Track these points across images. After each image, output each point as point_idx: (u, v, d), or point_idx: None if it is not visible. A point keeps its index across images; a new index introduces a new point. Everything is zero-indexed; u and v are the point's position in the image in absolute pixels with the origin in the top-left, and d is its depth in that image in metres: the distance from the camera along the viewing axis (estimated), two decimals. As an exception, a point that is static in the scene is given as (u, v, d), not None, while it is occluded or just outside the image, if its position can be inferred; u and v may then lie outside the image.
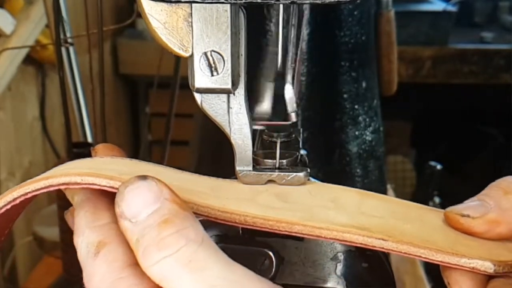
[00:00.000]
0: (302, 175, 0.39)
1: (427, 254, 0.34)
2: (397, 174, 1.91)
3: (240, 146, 0.39)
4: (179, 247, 0.30)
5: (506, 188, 0.36)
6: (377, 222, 0.36)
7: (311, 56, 0.65)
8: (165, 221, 0.31)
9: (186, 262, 0.30)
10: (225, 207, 0.36)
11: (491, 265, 0.34)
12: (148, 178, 0.32)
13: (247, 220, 0.35)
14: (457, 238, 0.36)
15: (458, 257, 0.34)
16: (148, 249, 0.30)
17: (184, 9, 0.36)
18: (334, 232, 0.35)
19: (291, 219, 0.35)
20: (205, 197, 0.36)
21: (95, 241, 0.33)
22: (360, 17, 0.66)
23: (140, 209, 0.31)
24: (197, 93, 0.38)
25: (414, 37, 1.73)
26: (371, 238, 0.34)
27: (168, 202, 0.31)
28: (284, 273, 0.40)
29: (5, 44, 1.24)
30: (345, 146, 0.67)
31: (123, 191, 0.32)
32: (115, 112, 1.92)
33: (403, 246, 0.34)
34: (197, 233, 0.31)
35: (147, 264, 0.30)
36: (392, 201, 0.40)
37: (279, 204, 0.37)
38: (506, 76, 1.73)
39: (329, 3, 0.34)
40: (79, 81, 0.92)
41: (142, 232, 0.31)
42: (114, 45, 1.90)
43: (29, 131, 1.46)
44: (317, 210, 0.37)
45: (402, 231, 0.35)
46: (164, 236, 0.30)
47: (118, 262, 0.32)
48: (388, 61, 0.84)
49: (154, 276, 0.30)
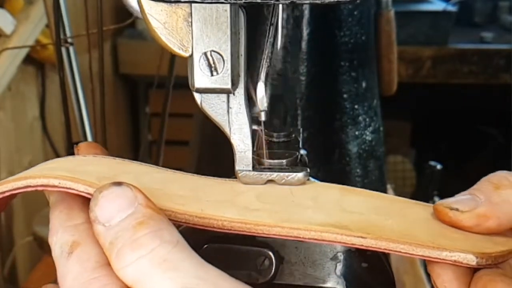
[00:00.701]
0: (302, 175, 0.39)
1: (407, 249, 0.34)
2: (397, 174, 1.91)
3: (240, 146, 0.39)
4: (154, 247, 0.30)
5: (497, 182, 0.36)
6: (357, 219, 0.36)
7: (311, 56, 0.64)
8: (140, 223, 0.31)
9: (160, 262, 0.30)
10: (203, 212, 0.35)
11: (473, 257, 0.34)
12: (123, 184, 0.32)
13: (225, 225, 0.35)
14: (440, 231, 0.36)
15: (439, 251, 0.34)
16: (122, 250, 0.30)
17: (184, 9, 0.36)
18: (312, 232, 0.35)
19: (268, 222, 0.35)
20: (184, 202, 0.36)
21: (69, 241, 0.33)
22: (360, 17, 0.66)
23: (114, 214, 0.31)
24: (197, 93, 0.38)
25: (414, 37, 1.73)
26: (350, 236, 0.34)
27: (142, 207, 0.32)
28: (284, 273, 0.40)
29: (5, 44, 1.24)
30: (345, 146, 0.67)
31: (97, 197, 0.32)
32: (115, 112, 1.92)
33: (382, 242, 0.34)
34: (172, 235, 0.31)
35: (120, 265, 0.30)
36: (375, 196, 0.40)
37: (258, 205, 0.37)
38: (506, 76, 1.73)
39: (329, 3, 0.34)
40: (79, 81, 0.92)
41: (116, 235, 0.31)
42: (114, 45, 1.90)
43: (29, 131, 1.46)
44: (296, 210, 0.37)
45: (382, 227, 0.35)
46: (138, 237, 0.31)
47: (91, 262, 0.32)
48: (388, 61, 0.84)
49: (127, 277, 0.30)
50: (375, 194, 0.40)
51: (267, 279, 0.39)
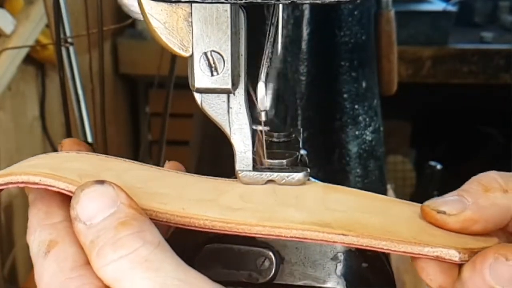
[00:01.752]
0: (302, 175, 0.39)
1: (389, 246, 0.34)
2: (397, 174, 1.91)
3: (240, 146, 0.39)
4: (136, 247, 0.30)
5: (487, 184, 0.35)
6: (340, 217, 0.36)
7: (311, 56, 0.64)
8: (122, 223, 0.31)
9: (141, 262, 0.30)
10: (185, 211, 0.35)
11: (456, 253, 0.33)
12: (105, 183, 0.32)
13: (206, 224, 0.35)
14: (423, 228, 0.36)
15: (421, 246, 0.34)
16: (103, 249, 0.30)
17: (184, 9, 0.36)
18: (293, 230, 0.35)
19: (250, 221, 0.35)
20: (166, 201, 0.36)
21: (46, 239, 0.33)
22: (360, 17, 0.66)
23: (96, 212, 0.31)
24: (197, 93, 0.38)
25: (414, 37, 1.73)
26: (331, 234, 0.34)
27: (124, 206, 0.32)
28: (284, 273, 0.40)
29: (5, 44, 1.24)
30: (345, 146, 0.67)
31: (79, 194, 0.32)
32: (115, 112, 1.92)
33: (364, 239, 0.34)
34: (154, 236, 0.31)
35: (101, 264, 0.30)
36: (359, 194, 0.40)
37: (240, 204, 0.37)
38: (506, 76, 1.73)
39: (329, 3, 0.34)
40: (79, 81, 0.92)
41: (97, 234, 0.31)
42: (114, 45, 1.90)
43: (29, 131, 1.46)
44: (278, 209, 0.37)
45: (364, 224, 0.35)
46: (120, 237, 0.30)
47: (69, 261, 0.32)
48: (388, 61, 0.84)
49: (107, 276, 0.30)
50: (359, 192, 0.40)
51: (267, 279, 0.39)
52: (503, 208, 0.35)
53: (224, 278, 0.39)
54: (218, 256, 0.39)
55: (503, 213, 0.35)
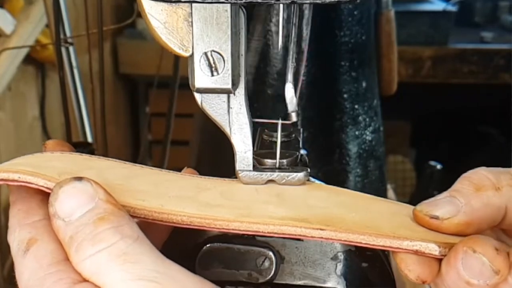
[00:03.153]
0: (302, 175, 0.39)
1: (368, 240, 0.34)
2: (397, 174, 1.91)
3: (240, 146, 0.39)
4: (114, 241, 0.31)
5: (478, 183, 0.35)
6: (319, 212, 0.36)
7: (311, 56, 0.64)
8: (101, 218, 0.31)
9: (119, 255, 0.30)
10: (163, 207, 0.36)
11: (435, 247, 0.33)
12: (84, 179, 0.32)
13: (184, 220, 0.35)
14: (403, 223, 0.36)
15: (400, 240, 0.34)
16: (82, 244, 0.31)
17: (184, 9, 0.36)
18: (271, 226, 0.35)
19: (227, 217, 0.35)
20: (144, 197, 0.36)
21: (26, 238, 0.33)
22: (360, 17, 0.66)
23: (74, 209, 0.32)
24: (197, 93, 0.38)
25: (414, 37, 1.73)
26: (309, 229, 0.34)
27: (102, 202, 0.32)
28: (284, 272, 0.40)
29: (5, 44, 1.24)
30: (345, 146, 0.67)
31: (57, 191, 0.32)
32: (115, 112, 1.92)
33: (342, 234, 0.34)
34: (133, 230, 0.32)
35: (79, 258, 0.31)
36: (342, 192, 0.40)
37: (220, 201, 0.37)
38: (506, 76, 1.73)
39: (329, 3, 0.34)
40: (79, 81, 0.92)
41: (76, 230, 0.31)
42: (114, 45, 1.90)
43: (29, 131, 1.46)
44: (258, 206, 0.37)
45: (343, 219, 0.35)
46: (99, 232, 0.31)
47: (47, 258, 0.32)
48: (388, 61, 0.84)
49: (85, 270, 0.31)
50: (342, 190, 0.40)
51: (267, 279, 0.39)
52: (496, 207, 0.34)
53: (224, 278, 0.39)
54: (218, 256, 0.39)
55: (496, 212, 0.34)
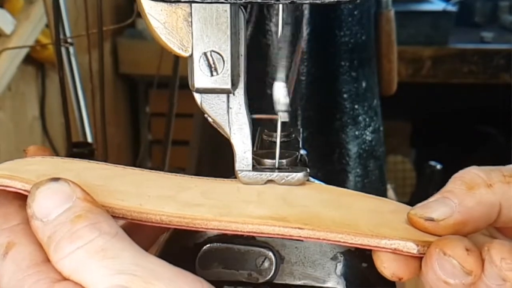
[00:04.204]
0: (302, 175, 0.39)
1: (346, 239, 0.34)
2: (397, 174, 1.91)
3: (240, 146, 0.39)
4: (92, 238, 0.31)
5: (470, 182, 0.35)
6: (298, 211, 0.36)
7: (311, 56, 0.64)
8: (78, 216, 0.31)
9: (98, 251, 0.30)
10: (142, 207, 0.36)
11: (413, 245, 0.33)
12: (61, 180, 0.32)
13: (163, 219, 0.35)
14: (384, 221, 0.36)
15: (378, 239, 0.34)
16: (61, 242, 0.31)
17: (184, 9, 0.36)
18: (249, 225, 0.35)
19: (206, 216, 0.35)
20: (124, 197, 0.36)
21: (4, 242, 0.33)
22: (360, 17, 0.66)
23: (52, 209, 0.32)
24: (197, 93, 0.38)
25: (414, 37, 1.73)
26: (287, 228, 0.35)
27: (80, 200, 0.32)
28: (284, 272, 0.40)
29: (5, 44, 1.24)
30: (345, 146, 0.67)
31: (34, 192, 0.32)
32: (115, 112, 1.92)
33: (320, 232, 0.34)
34: (111, 227, 0.32)
35: (58, 257, 0.31)
36: (324, 189, 0.40)
37: (200, 201, 0.37)
38: (506, 76, 1.73)
39: (329, 3, 0.34)
40: (79, 81, 0.92)
41: (54, 229, 0.31)
42: (114, 45, 1.90)
43: (29, 131, 1.46)
44: (238, 205, 0.37)
45: (322, 218, 0.36)
46: (77, 229, 0.31)
47: (26, 261, 0.32)
48: (388, 61, 0.84)
49: (65, 269, 0.31)
50: (325, 187, 0.40)
51: (267, 279, 0.39)
52: (489, 204, 0.34)
53: (224, 278, 0.39)
54: (218, 256, 0.39)
55: (490, 209, 0.34)
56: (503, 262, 0.31)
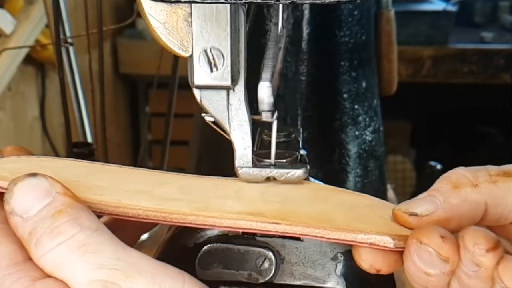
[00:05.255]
0: (302, 171, 0.39)
1: (323, 233, 0.34)
2: (397, 174, 1.91)
3: (240, 142, 0.39)
4: (73, 233, 0.31)
5: (456, 181, 0.35)
6: (276, 207, 0.36)
7: (311, 56, 0.64)
8: (59, 211, 0.31)
9: (79, 246, 0.30)
10: (119, 202, 0.36)
11: (389, 239, 0.34)
12: (38, 175, 0.32)
13: (140, 213, 0.35)
14: (361, 216, 0.36)
15: (354, 234, 0.34)
16: (42, 238, 0.31)
17: (184, 9, 0.36)
18: (227, 220, 0.35)
19: (183, 210, 0.35)
20: (101, 192, 0.36)
21: None
22: (360, 17, 0.66)
23: (31, 204, 0.31)
24: (197, 90, 0.38)
25: (414, 37, 1.73)
26: (265, 223, 0.35)
27: (60, 195, 0.32)
28: (284, 273, 0.40)
29: (5, 44, 1.24)
30: (345, 146, 0.67)
31: (12, 189, 0.32)
32: (115, 112, 1.92)
33: (297, 227, 0.35)
34: (91, 221, 0.32)
35: (39, 253, 0.31)
36: (303, 186, 0.40)
37: (178, 195, 0.37)
38: (506, 76, 1.73)
39: (329, 3, 0.34)
40: (79, 81, 0.92)
41: (34, 225, 0.31)
42: (114, 45, 1.90)
43: (29, 131, 1.46)
44: (216, 201, 0.37)
45: (299, 213, 0.36)
46: (57, 225, 0.31)
47: (6, 259, 0.32)
48: (388, 61, 0.84)
49: (46, 265, 0.31)
50: (306, 184, 0.40)
51: (267, 279, 0.39)
52: (474, 203, 0.35)
53: (224, 278, 0.39)
54: (218, 256, 0.39)
55: (475, 208, 0.35)
56: (476, 248, 0.31)
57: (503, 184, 0.35)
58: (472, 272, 0.32)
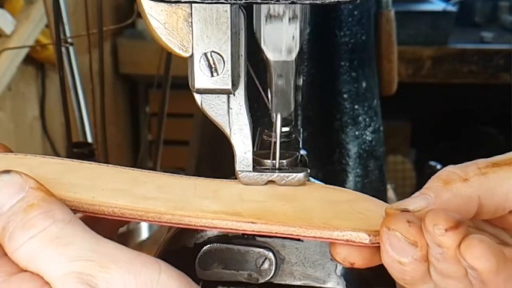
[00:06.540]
0: (302, 175, 0.39)
1: (299, 231, 0.35)
2: (397, 174, 1.91)
3: (240, 146, 0.39)
4: (45, 226, 0.31)
5: (446, 178, 0.35)
6: (252, 206, 0.37)
7: (311, 56, 0.64)
8: (31, 205, 0.31)
9: (52, 239, 0.30)
10: (94, 199, 0.36)
11: (365, 235, 0.34)
12: (12, 172, 0.33)
13: (115, 211, 0.36)
14: (338, 211, 0.36)
15: (330, 231, 0.34)
16: (15, 232, 0.31)
17: (184, 9, 0.36)
18: (203, 219, 0.35)
19: (160, 209, 0.36)
20: (77, 190, 0.36)
21: None
22: (360, 17, 0.66)
23: (5, 200, 0.32)
24: (197, 94, 0.38)
25: (414, 37, 1.73)
26: (240, 222, 0.35)
27: (33, 190, 0.32)
28: (284, 273, 0.40)
29: (5, 44, 1.24)
30: (345, 146, 0.67)
31: None
32: (115, 112, 1.92)
33: (273, 226, 0.35)
34: (64, 214, 0.32)
35: (13, 248, 0.31)
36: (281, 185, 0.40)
37: (155, 194, 0.37)
38: (506, 76, 1.73)
39: (329, 3, 0.34)
40: (79, 81, 0.92)
41: (8, 220, 0.31)
42: (114, 45, 1.90)
43: (29, 131, 1.46)
44: (193, 200, 0.37)
45: (276, 212, 0.36)
46: (29, 218, 0.31)
47: None
48: (388, 61, 0.84)
49: (21, 259, 0.31)
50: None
51: (267, 279, 0.39)
52: (466, 197, 0.35)
53: (224, 278, 0.39)
54: (218, 256, 0.39)
55: (467, 202, 0.35)
56: (435, 228, 0.31)
57: (493, 175, 0.35)
58: (439, 254, 0.32)
